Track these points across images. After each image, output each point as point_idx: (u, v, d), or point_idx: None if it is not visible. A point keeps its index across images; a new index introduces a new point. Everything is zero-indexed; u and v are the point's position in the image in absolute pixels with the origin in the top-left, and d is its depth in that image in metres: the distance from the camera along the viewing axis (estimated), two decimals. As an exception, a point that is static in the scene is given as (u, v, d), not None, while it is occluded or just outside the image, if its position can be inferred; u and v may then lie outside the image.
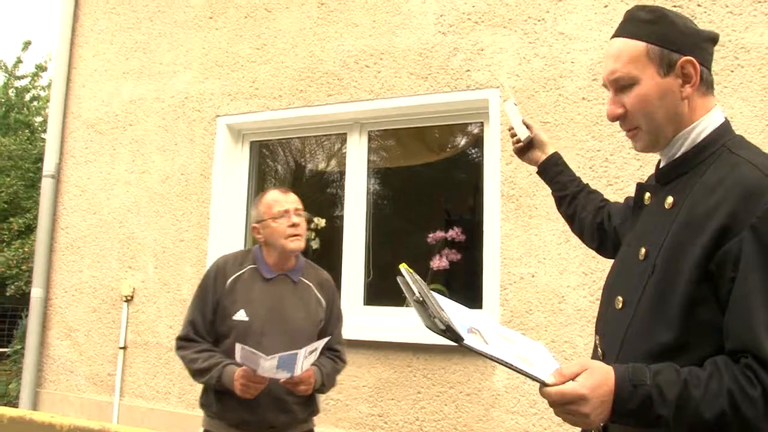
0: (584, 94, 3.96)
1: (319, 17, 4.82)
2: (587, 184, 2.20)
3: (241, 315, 2.72)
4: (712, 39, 1.51)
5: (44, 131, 16.49)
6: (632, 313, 1.43)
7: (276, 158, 5.52)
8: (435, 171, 4.94)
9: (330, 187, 5.39)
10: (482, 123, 4.43)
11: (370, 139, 4.78)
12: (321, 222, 4.89)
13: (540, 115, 4.04)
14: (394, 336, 4.13)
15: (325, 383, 2.83)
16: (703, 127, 1.45)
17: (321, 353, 2.81)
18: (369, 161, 4.77)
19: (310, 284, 2.92)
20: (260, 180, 5.34)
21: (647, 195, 1.58)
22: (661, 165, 1.54)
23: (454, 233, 4.49)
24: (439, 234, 4.50)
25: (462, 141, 4.83)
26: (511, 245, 4.01)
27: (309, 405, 2.88)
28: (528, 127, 2.28)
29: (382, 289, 4.61)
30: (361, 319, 4.39)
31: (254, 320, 2.71)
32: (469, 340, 1.27)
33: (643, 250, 1.46)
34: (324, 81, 4.72)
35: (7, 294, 11.55)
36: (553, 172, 2.21)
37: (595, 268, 3.77)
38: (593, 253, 2.16)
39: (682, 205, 1.40)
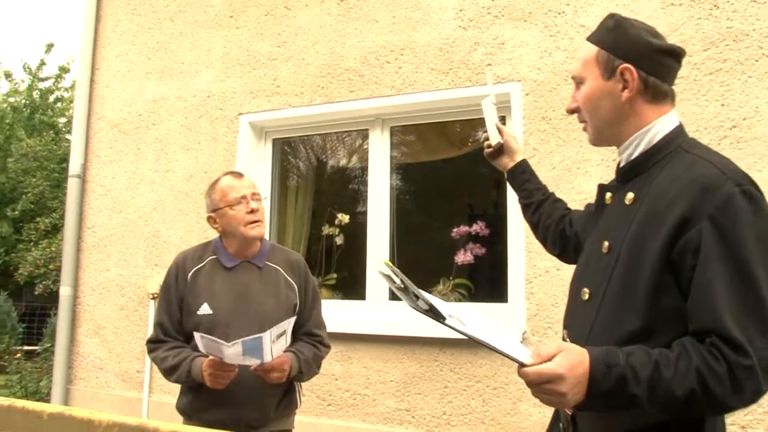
0: (606, 85, 3.93)
1: (339, 14, 4.83)
2: (553, 192, 2.29)
3: (204, 309, 2.60)
4: (671, 52, 1.59)
5: (68, 132, 16.71)
6: (598, 304, 1.53)
7: (298, 155, 5.54)
8: (457, 166, 4.94)
9: (352, 183, 5.41)
10: (504, 117, 4.41)
11: (392, 135, 4.79)
12: (344, 218, 4.91)
13: (561, 109, 4.02)
14: (420, 331, 4.14)
15: (303, 370, 2.67)
16: (657, 130, 1.57)
17: (300, 339, 2.72)
18: (391, 157, 4.77)
19: (278, 268, 2.76)
20: (283, 177, 5.37)
21: (608, 195, 1.70)
22: (621, 165, 1.65)
23: (478, 227, 4.49)
24: (464, 228, 4.51)
25: (484, 135, 4.82)
26: (535, 239, 3.99)
27: (286, 399, 2.73)
28: (500, 131, 2.29)
29: (407, 285, 4.60)
30: (387, 314, 4.41)
31: (219, 312, 2.58)
32: (451, 321, 1.35)
33: (606, 244, 1.57)
34: (345, 77, 4.74)
35: (36, 293, 11.76)
36: (521, 179, 2.27)
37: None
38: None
39: (642, 201, 1.51)
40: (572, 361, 1.32)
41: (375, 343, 4.28)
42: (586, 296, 1.59)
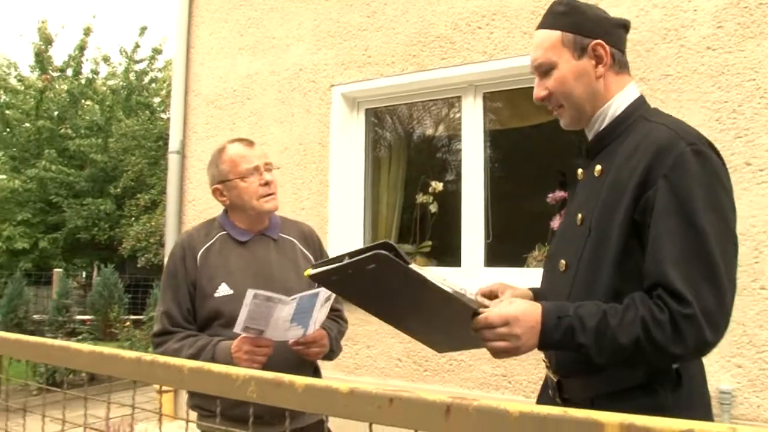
0: (708, 43, 3.78)
1: (429, -19, 4.79)
2: None
3: (223, 289, 2.34)
4: (623, 25, 1.72)
5: (162, 111, 17.27)
6: (574, 273, 1.61)
7: (389, 125, 5.57)
8: (550, 131, 4.85)
9: (444, 150, 5.40)
10: (600, 79, 4.31)
11: (484, 101, 4.75)
12: (438, 186, 4.91)
13: (661, 68, 3.90)
14: (516, 297, 4.12)
15: (334, 348, 2.46)
16: (620, 102, 1.66)
17: None
18: (485, 123, 4.73)
19: (293, 239, 2.55)
20: (375, 146, 5.41)
21: (579, 171, 1.79)
22: (588, 142, 1.74)
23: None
24: (559, 194, 4.43)
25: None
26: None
27: None
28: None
29: (502, 251, 4.60)
30: (482, 280, 4.39)
31: (240, 291, 2.22)
32: (414, 266, 1.39)
33: (579, 216, 1.65)
34: (436, 45, 4.71)
35: (138, 266, 12.32)
36: None
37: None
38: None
39: (609, 171, 1.59)
40: (525, 307, 1.46)
41: (471, 310, 4.32)
42: (563, 268, 1.66)
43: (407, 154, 5.45)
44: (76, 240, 15.99)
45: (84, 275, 16.14)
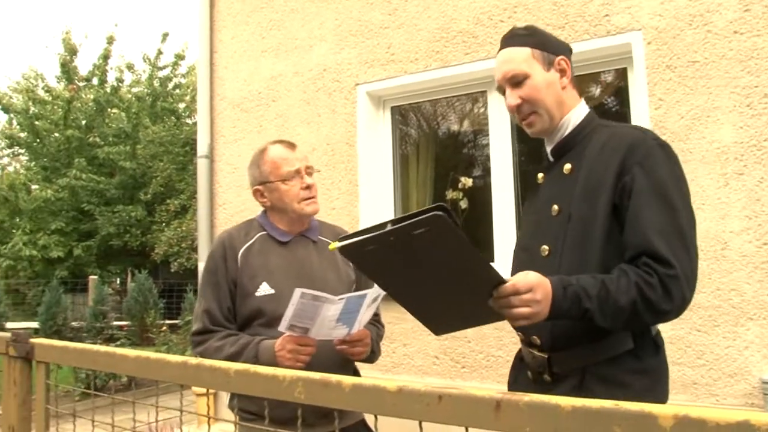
0: (736, 27, 3.73)
1: (449, -25, 4.78)
2: None
3: (264, 289, 2.32)
4: (570, 49, 1.99)
5: (188, 116, 17.43)
6: (559, 255, 1.82)
7: (415, 122, 5.56)
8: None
9: (470, 145, 5.38)
10: (625, 69, 4.27)
11: (511, 94, 4.71)
12: (468, 182, 4.91)
13: (688, 55, 3.85)
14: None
15: (374, 350, 2.42)
16: (579, 112, 1.93)
17: None
18: (511, 117, 4.70)
19: (331, 242, 2.41)
20: (402, 144, 5.41)
21: (540, 175, 2.00)
22: (552, 145, 1.95)
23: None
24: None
25: (604, 89, 4.68)
26: (667, 191, 3.87)
27: None
28: None
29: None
30: (515, 274, 4.39)
31: (281, 291, 2.26)
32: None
33: (555, 207, 1.86)
34: (459, 40, 4.70)
35: (172, 270, 12.46)
36: None
37: (759, 212, 3.58)
38: (757, 195, 2.20)
39: (580, 168, 1.84)
40: (540, 278, 1.61)
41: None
42: (546, 253, 1.86)
43: (434, 150, 5.44)
44: (109, 247, 16.23)
45: (118, 281, 16.36)
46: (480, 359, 4.42)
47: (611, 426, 0.85)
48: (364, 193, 5.08)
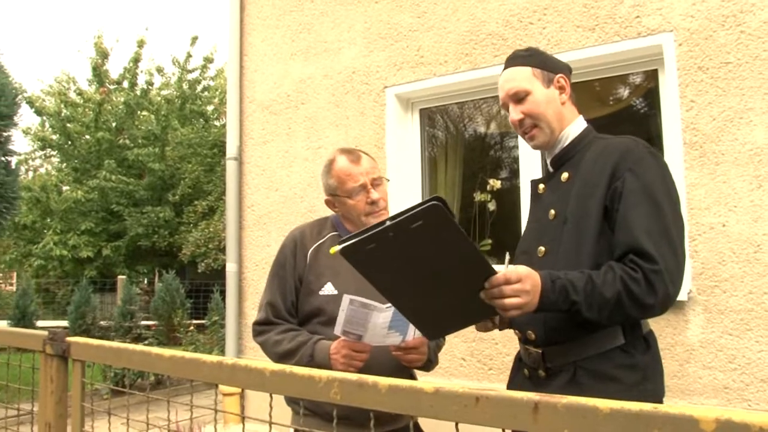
0: (770, 27, 3.68)
1: (479, -22, 4.77)
2: None
3: (328, 289, 2.34)
4: (570, 68, 2.13)
5: (216, 119, 17.57)
6: (555, 256, 1.92)
7: (443, 124, 5.56)
8: (609, 123, 4.78)
9: (499, 148, 5.37)
10: (656, 70, 4.23)
11: (539, 96, 4.69)
12: (496, 184, 4.89)
13: (720, 56, 3.80)
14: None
15: (432, 358, 2.40)
16: (577, 127, 2.06)
17: None
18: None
19: None
20: (430, 146, 5.41)
21: (541, 186, 2.11)
22: (552, 157, 2.08)
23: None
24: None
25: (634, 91, 4.64)
26: (698, 194, 3.82)
27: None
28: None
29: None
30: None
31: (344, 292, 2.22)
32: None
33: (552, 212, 1.98)
34: (488, 42, 4.69)
35: (199, 271, 12.57)
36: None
37: (795, 214, 3.53)
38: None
39: (576, 176, 1.95)
40: (529, 270, 1.69)
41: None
42: (542, 253, 1.97)
43: (462, 152, 5.43)
44: (138, 247, 16.41)
45: (146, 281, 16.54)
46: (507, 361, 4.38)
47: (651, 429, 0.84)
48: (393, 195, 5.07)
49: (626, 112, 4.66)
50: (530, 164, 4.59)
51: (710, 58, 3.84)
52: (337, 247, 1.58)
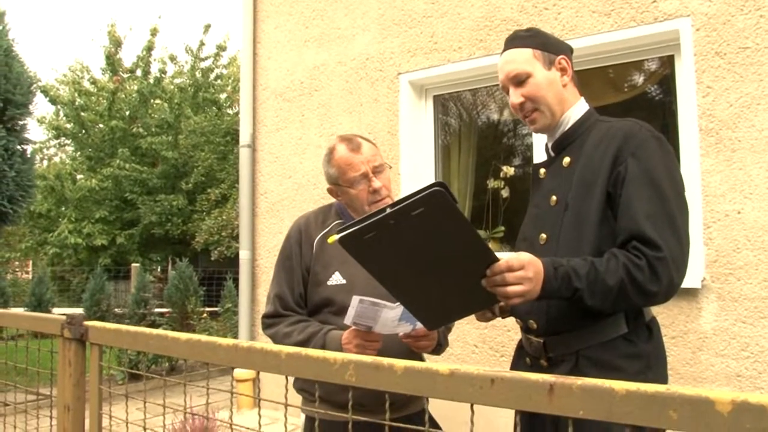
0: (790, 11, 3.64)
1: (493, -37, 4.74)
2: None
3: (336, 278, 2.31)
4: (571, 49, 2.07)
5: (229, 107, 17.58)
6: (556, 243, 1.89)
7: (457, 111, 5.55)
8: (623, 110, 4.75)
9: (512, 135, 5.35)
10: (672, 56, 4.20)
11: (554, 82, 4.67)
12: (510, 170, 4.88)
13: (738, 41, 3.77)
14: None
15: (442, 342, 2.39)
16: (579, 109, 2.01)
17: None
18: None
19: None
20: (444, 133, 5.40)
21: (542, 171, 2.08)
22: (553, 141, 2.05)
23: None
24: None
25: (650, 77, 4.61)
26: (713, 181, 3.80)
27: None
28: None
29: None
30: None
31: (353, 281, 2.26)
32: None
33: (554, 198, 1.94)
34: (503, 28, 4.66)
35: (212, 259, 12.61)
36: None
37: (812, 201, 3.51)
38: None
39: (578, 161, 1.92)
40: (531, 257, 1.67)
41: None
42: (543, 240, 1.93)
43: (476, 139, 5.42)
44: (151, 235, 16.49)
45: (160, 269, 16.63)
46: (520, 350, 4.40)
47: (666, 411, 0.84)
48: (406, 182, 5.08)
49: (641, 99, 4.63)
50: (543, 151, 4.57)
51: (728, 44, 3.81)
52: (336, 237, 1.55)
